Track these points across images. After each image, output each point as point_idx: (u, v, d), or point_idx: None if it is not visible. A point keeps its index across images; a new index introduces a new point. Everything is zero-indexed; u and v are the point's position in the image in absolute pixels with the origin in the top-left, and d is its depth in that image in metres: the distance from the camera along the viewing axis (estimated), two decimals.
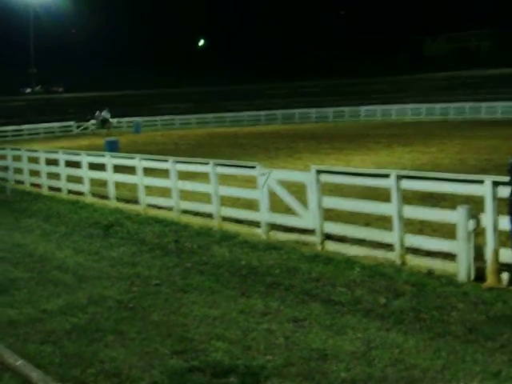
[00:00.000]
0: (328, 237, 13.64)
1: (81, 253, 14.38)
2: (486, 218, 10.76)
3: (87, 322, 9.72)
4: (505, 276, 10.46)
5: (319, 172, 13.72)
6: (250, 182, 16.58)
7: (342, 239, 13.50)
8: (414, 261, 11.86)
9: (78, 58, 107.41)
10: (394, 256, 12.10)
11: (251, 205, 16.42)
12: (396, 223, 12.15)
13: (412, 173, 13.47)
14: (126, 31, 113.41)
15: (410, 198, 13.66)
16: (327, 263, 12.25)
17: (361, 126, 53.06)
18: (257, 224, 15.28)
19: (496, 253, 10.58)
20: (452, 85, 63.97)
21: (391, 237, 12.29)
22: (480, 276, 10.69)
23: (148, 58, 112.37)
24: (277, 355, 8.16)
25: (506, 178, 10.26)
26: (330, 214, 14.34)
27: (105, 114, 60.96)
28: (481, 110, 54.49)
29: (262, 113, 66.45)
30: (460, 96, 59.44)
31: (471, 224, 10.75)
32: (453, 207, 11.26)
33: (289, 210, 14.65)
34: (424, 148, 31.92)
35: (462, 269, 10.82)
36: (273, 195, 14.89)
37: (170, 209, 18.00)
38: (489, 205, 10.73)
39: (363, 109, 62.46)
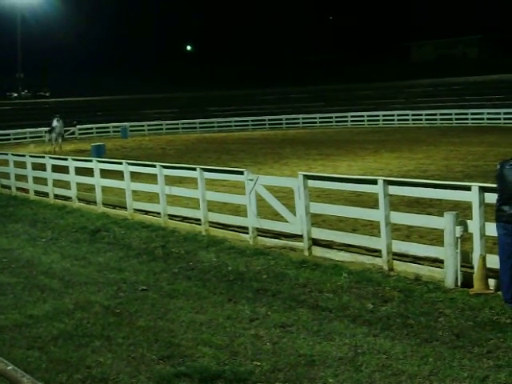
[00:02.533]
0: (315, 242, 13.65)
1: (67, 258, 14.33)
2: (473, 224, 10.80)
3: (74, 328, 9.68)
4: (492, 282, 10.49)
5: (307, 178, 13.73)
6: (238, 188, 16.59)
7: (329, 245, 13.52)
8: (401, 266, 11.88)
9: (66, 63, 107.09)
10: (381, 262, 12.12)
11: (239, 210, 16.44)
12: (383, 229, 12.17)
13: (399, 179, 13.52)
14: (114, 36, 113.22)
15: (397, 204, 13.69)
16: (314, 269, 12.25)
17: (348, 132, 53.15)
18: (244, 229, 15.27)
19: (483, 259, 10.61)
20: (439, 91, 64.18)
21: (378, 242, 12.31)
22: (467, 282, 10.72)
23: (135, 62, 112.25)
24: (264, 361, 8.15)
25: (493, 185, 10.30)
26: (317, 220, 14.36)
27: (55, 122, 49.32)
28: (467, 117, 54.74)
29: (250, 118, 66.51)
30: (446, 103, 59.71)
31: (458, 230, 10.78)
32: (440, 213, 11.30)
33: (276, 216, 14.66)
34: (411, 154, 32.02)
35: (449, 275, 10.85)
36: (260, 201, 14.90)
37: (157, 214, 17.97)
38: (476, 211, 10.76)
39: (350, 115, 62.61)
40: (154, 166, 18.06)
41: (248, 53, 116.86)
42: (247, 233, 15.06)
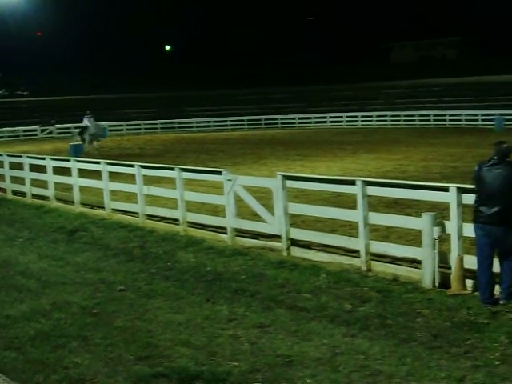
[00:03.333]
0: (294, 243, 13.65)
1: (45, 258, 14.24)
2: (451, 225, 10.85)
3: (51, 328, 9.63)
4: (469, 282, 10.54)
5: (285, 178, 13.74)
6: (216, 188, 16.56)
7: (307, 245, 13.52)
8: (379, 267, 11.91)
9: (44, 61, 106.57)
10: (359, 262, 12.15)
11: (217, 210, 16.41)
12: (362, 230, 12.20)
13: (378, 180, 13.55)
14: (93, 35, 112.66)
15: (375, 204, 13.72)
16: (293, 269, 12.26)
17: (327, 132, 53.26)
18: (223, 230, 15.25)
19: (461, 259, 10.66)
20: (417, 92, 64.44)
21: (357, 243, 12.34)
22: (445, 282, 10.77)
23: (114, 62, 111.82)
24: (242, 361, 8.14)
25: (471, 186, 10.34)
26: (296, 220, 14.37)
27: (87, 121, 44.16)
28: (445, 118, 55.02)
29: (229, 118, 66.48)
30: (425, 104, 59.98)
31: (436, 231, 10.82)
32: (418, 214, 11.34)
33: (255, 216, 14.64)
34: (389, 155, 32.11)
35: (427, 275, 10.89)
36: (239, 201, 14.88)
37: (135, 214, 17.91)
38: (454, 212, 10.81)
39: (329, 115, 62.73)
40: (132, 166, 18.00)
41: (228, 53, 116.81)
42: (226, 233, 15.04)
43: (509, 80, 62.36)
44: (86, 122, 44.01)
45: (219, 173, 15.35)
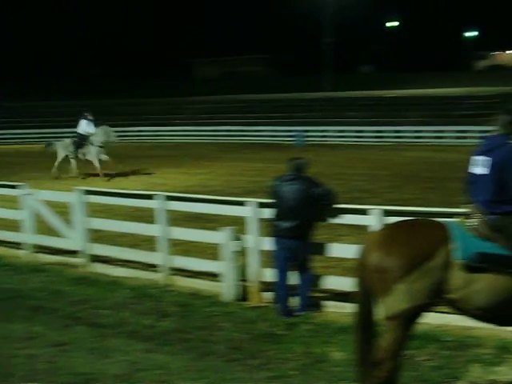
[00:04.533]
0: (95, 258, 13.46)
1: None
2: (250, 239, 11.08)
3: None
4: (267, 295, 10.80)
5: (85, 192, 13.55)
6: (14, 202, 16.00)
7: (108, 260, 13.39)
8: (180, 281, 11.98)
9: None
10: (160, 277, 12.16)
11: (15, 226, 15.86)
12: (162, 244, 12.23)
13: (179, 194, 13.62)
14: None
15: (178, 219, 13.75)
16: (93, 285, 12.09)
17: (129, 146, 52.81)
18: (21, 246, 14.78)
19: (258, 273, 10.91)
20: (222, 108, 65.37)
21: (157, 258, 12.35)
22: (244, 296, 10.98)
23: None
24: (40, 381, 7.89)
25: (269, 200, 10.60)
26: (98, 235, 14.16)
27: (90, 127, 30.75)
28: (249, 134, 56.10)
29: (33, 131, 64.34)
30: (229, 119, 60.90)
31: (235, 245, 11.01)
32: (220, 228, 11.48)
33: (55, 232, 14.31)
34: (193, 170, 32.31)
35: (227, 289, 11.05)
36: (39, 216, 14.49)
37: None
38: (251, 226, 11.06)
39: (131, 129, 61.95)
40: None
41: (24, 66, 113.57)
42: (24, 249, 14.59)
43: (310, 97, 64.82)
44: (89, 128, 30.58)
45: (17, 187, 14.90)
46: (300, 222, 10.11)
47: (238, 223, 12.02)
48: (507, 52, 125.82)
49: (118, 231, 14.26)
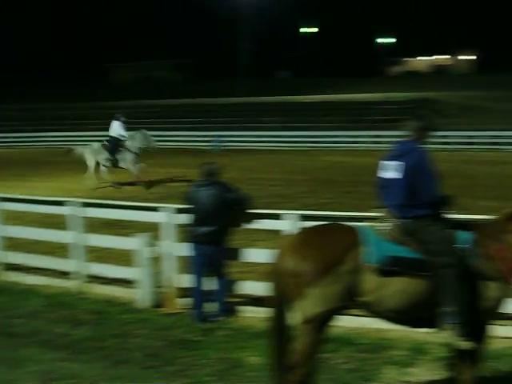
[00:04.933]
0: (9, 267, 13.21)
1: None
2: (165, 245, 11.04)
3: None
4: (182, 301, 10.77)
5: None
6: None
7: (22, 268, 13.12)
8: (95, 289, 11.84)
9: None
10: (74, 284, 12.00)
11: None
12: (75, 251, 12.09)
13: (95, 201, 13.45)
14: None
15: (95, 225, 13.57)
16: (6, 294, 11.85)
17: (42, 152, 51.83)
18: None
19: (173, 279, 10.88)
20: (139, 113, 64.82)
21: (71, 265, 12.19)
22: (160, 302, 10.92)
23: None
24: None
25: (185, 206, 10.58)
26: (11, 243, 13.87)
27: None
28: (165, 139, 55.78)
29: None
30: (147, 124, 60.37)
31: (149, 251, 10.95)
32: (136, 235, 11.39)
33: None
34: (110, 175, 31.91)
35: (142, 295, 10.98)
36: None
37: None
38: (167, 232, 11.03)
39: (41, 135, 60.47)
40: None
41: None
42: None
43: (226, 102, 65.01)
44: (120, 129, 28.70)
45: None
46: (216, 228, 10.12)
47: (153, 229, 11.96)
48: (418, 58, 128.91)
49: (30, 238, 14.00)
